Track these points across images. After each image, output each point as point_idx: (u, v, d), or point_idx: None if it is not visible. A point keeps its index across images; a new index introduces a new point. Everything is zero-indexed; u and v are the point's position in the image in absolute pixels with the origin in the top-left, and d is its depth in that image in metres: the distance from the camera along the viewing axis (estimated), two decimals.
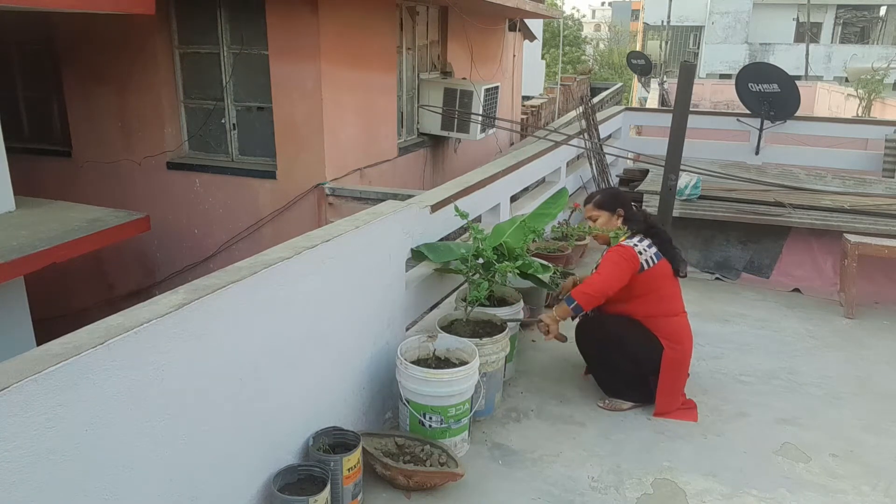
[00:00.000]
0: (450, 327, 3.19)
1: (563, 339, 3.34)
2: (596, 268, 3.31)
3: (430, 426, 2.77)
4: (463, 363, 2.89)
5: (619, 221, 3.36)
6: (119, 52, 6.68)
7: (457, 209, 3.49)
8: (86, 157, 7.14)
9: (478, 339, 2.99)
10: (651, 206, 5.16)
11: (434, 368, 2.79)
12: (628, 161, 7.98)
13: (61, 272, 5.78)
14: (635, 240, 3.21)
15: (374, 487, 2.64)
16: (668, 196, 4.74)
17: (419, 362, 2.88)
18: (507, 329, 3.19)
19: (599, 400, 3.36)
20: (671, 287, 3.27)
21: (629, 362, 3.24)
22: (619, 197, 3.47)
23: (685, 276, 3.33)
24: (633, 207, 3.44)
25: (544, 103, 16.59)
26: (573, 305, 3.12)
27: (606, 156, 6.90)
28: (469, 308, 3.20)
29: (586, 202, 3.49)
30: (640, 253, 3.15)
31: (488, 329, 3.20)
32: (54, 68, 7.09)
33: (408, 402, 2.79)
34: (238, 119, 6.82)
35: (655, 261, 3.18)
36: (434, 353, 3.00)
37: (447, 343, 3.01)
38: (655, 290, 3.20)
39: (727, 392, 3.48)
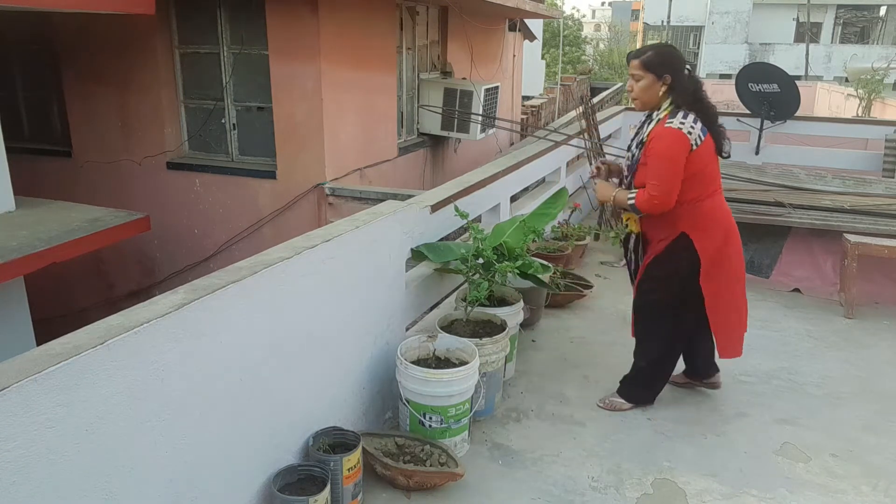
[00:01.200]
0: (450, 327, 3.19)
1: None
2: (632, 161, 2.98)
3: (430, 426, 2.77)
4: (463, 363, 2.89)
5: (664, 90, 2.89)
6: (119, 52, 6.68)
7: (457, 209, 3.49)
8: (86, 157, 7.14)
9: (478, 339, 2.99)
10: None
11: (434, 368, 2.79)
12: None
13: (61, 272, 5.78)
14: (679, 117, 2.82)
15: (374, 487, 2.64)
16: None
17: (419, 362, 2.89)
18: (507, 329, 3.19)
19: (599, 399, 3.36)
20: (713, 165, 2.95)
21: (645, 359, 3.22)
22: (672, 59, 2.92)
23: (728, 156, 3.04)
24: (687, 72, 2.93)
25: (544, 103, 16.58)
26: (630, 202, 2.90)
27: (606, 156, 6.90)
28: (469, 308, 3.20)
29: (634, 56, 2.97)
30: (689, 132, 2.80)
31: (488, 329, 3.20)
32: (54, 68, 7.09)
33: (408, 402, 2.79)
34: (238, 119, 6.82)
35: (702, 137, 2.84)
36: (434, 353, 3.00)
37: (447, 343, 3.01)
38: (700, 171, 2.87)
39: (727, 392, 3.48)
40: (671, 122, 2.83)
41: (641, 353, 3.28)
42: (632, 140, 3.12)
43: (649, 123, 2.98)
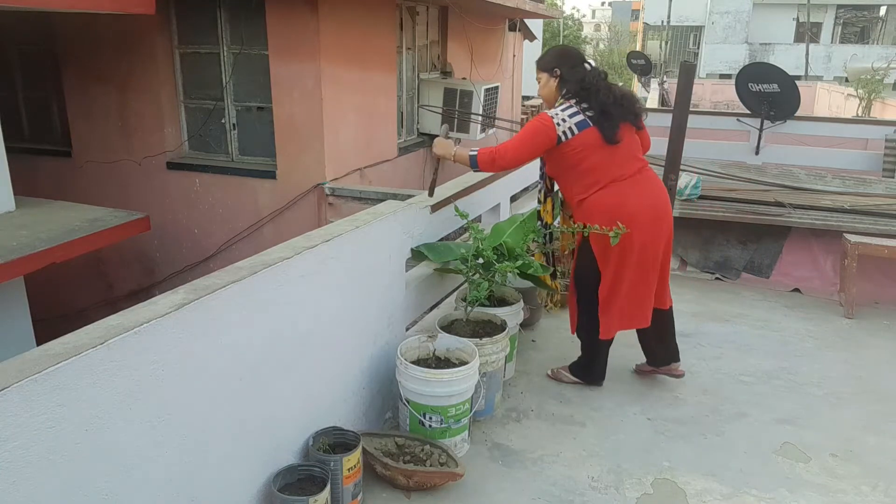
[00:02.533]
0: (450, 327, 3.19)
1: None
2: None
3: (430, 426, 2.77)
4: (463, 363, 2.89)
5: (555, 83, 3.07)
6: (119, 52, 6.68)
7: (457, 209, 3.49)
8: (86, 157, 7.14)
9: (478, 339, 2.99)
10: None
11: (434, 368, 2.79)
12: None
13: (61, 272, 5.79)
14: (558, 108, 2.97)
15: (374, 487, 2.64)
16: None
17: (419, 362, 2.88)
18: (507, 329, 3.19)
19: (549, 369, 3.57)
20: (599, 156, 2.98)
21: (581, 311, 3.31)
22: (560, 54, 3.13)
23: (617, 142, 2.99)
24: (585, 66, 3.08)
25: (544, 103, 16.58)
26: (473, 156, 3.06)
27: None
28: (469, 308, 3.20)
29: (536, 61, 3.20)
30: (559, 124, 2.92)
31: (488, 329, 3.20)
32: (54, 68, 7.09)
33: (408, 402, 2.79)
34: (238, 119, 6.83)
35: (576, 131, 2.92)
36: (434, 353, 3.00)
37: (447, 343, 3.01)
38: (577, 164, 2.99)
39: (727, 392, 3.48)
40: (552, 110, 2.99)
41: (581, 339, 3.44)
42: None
43: None
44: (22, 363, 1.59)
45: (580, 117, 2.95)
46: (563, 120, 2.94)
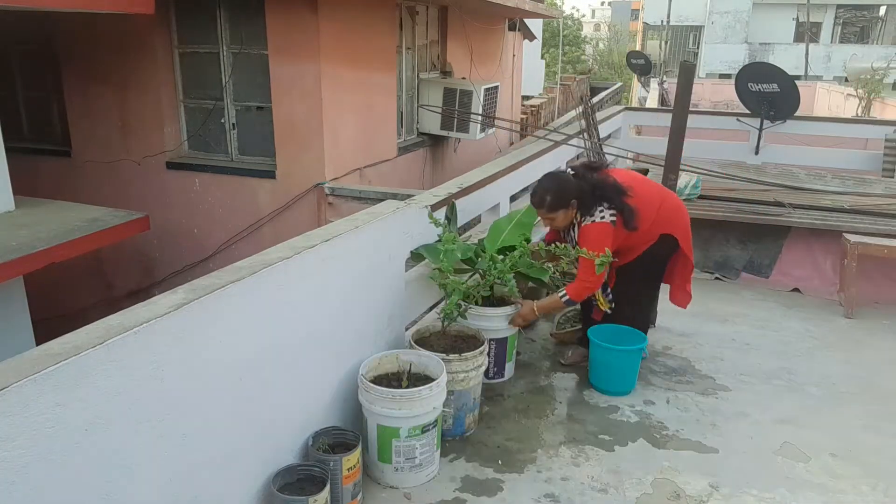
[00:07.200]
0: (426, 340, 3.10)
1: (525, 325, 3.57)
2: (575, 245, 3.31)
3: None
4: (430, 379, 2.74)
5: (575, 210, 3.29)
6: (119, 52, 6.68)
7: (430, 216, 3.39)
8: (85, 156, 7.13)
9: (444, 355, 2.85)
10: None
11: (407, 385, 2.69)
12: (628, 161, 7.97)
13: (61, 272, 5.78)
14: (598, 212, 3.22)
15: (374, 487, 2.64)
16: None
17: (388, 377, 2.81)
18: (483, 346, 3.04)
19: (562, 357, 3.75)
20: (643, 216, 3.27)
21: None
22: (564, 189, 3.26)
23: (636, 229, 3.26)
24: (577, 175, 3.32)
25: (544, 103, 16.60)
26: (565, 299, 3.31)
27: (606, 156, 6.89)
28: (446, 322, 3.12)
29: (537, 206, 3.30)
30: (613, 221, 3.21)
31: (469, 344, 3.10)
32: (54, 68, 7.08)
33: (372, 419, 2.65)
34: (238, 119, 6.82)
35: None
36: (411, 369, 2.86)
37: (412, 358, 2.88)
38: (634, 233, 3.28)
39: (727, 392, 3.48)
40: (591, 219, 3.24)
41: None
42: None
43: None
44: (21, 363, 1.59)
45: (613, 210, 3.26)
46: (610, 214, 3.22)
